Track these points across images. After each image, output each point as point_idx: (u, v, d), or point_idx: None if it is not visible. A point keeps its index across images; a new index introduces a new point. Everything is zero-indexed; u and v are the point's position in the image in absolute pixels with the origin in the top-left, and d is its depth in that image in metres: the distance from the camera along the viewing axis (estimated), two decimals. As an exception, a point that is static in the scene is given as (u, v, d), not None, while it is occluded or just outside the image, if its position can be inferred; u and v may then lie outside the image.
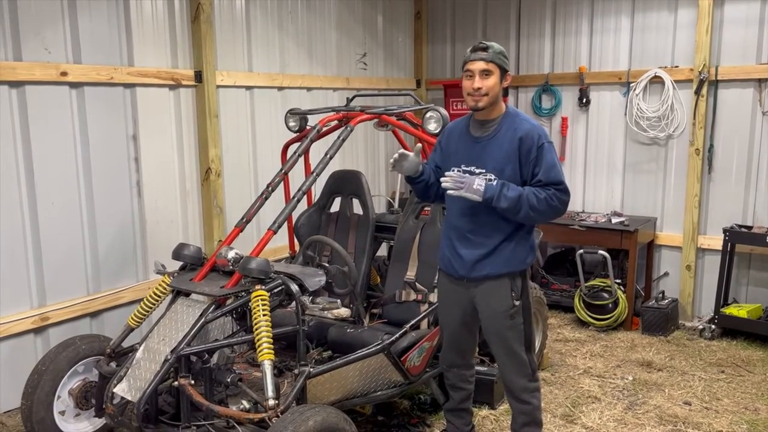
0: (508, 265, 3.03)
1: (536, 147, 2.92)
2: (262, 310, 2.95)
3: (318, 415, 2.63)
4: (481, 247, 3.02)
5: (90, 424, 3.39)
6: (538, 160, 2.92)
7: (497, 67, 2.93)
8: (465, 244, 3.06)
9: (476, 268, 3.04)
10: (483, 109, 2.97)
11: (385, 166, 6.64)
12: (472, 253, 3.04)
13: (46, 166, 3.82)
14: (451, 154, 3.12)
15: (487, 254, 3.02)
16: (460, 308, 3.18)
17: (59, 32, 3.83)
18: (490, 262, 3.02)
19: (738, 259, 5.33)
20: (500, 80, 2.96)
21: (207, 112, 4.61)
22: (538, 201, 2.88)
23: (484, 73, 2.92)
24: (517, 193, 2.87)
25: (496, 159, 2.96)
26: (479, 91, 2.93)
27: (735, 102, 5.25)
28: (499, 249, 3.01)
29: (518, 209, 2.87)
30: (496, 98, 2.97)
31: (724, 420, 3.88)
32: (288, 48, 5.38)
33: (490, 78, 2.92)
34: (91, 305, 4.08)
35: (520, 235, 3.05)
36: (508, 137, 2.96)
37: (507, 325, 3.06)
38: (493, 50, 2.93)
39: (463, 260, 3.06)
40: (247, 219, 3.45)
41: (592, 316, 5.40)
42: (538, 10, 6.19)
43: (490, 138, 3.00)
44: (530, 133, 2.94)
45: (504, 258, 3.02)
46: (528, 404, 3.17)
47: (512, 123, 2.99)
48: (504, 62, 2.97)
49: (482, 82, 2.92)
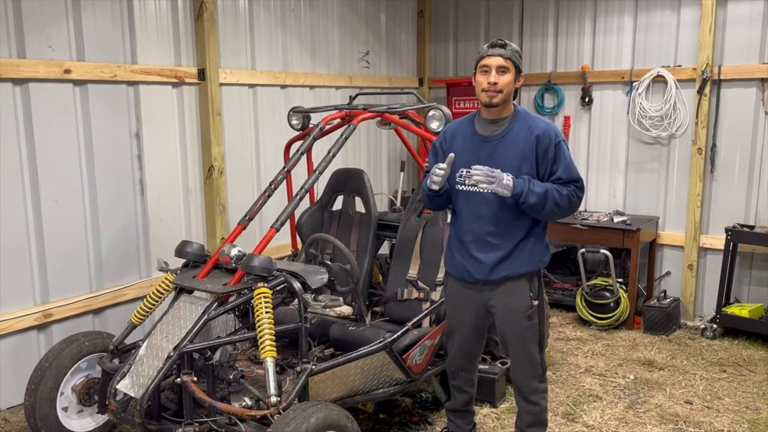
0: (528, 265, 3.00)
1: (554, 145, 2.92)
2: (265, 308, 2.95)
3: (320, 413, 2.64)
4: (500, 249, 2.98)
5: (93, 421, 3.40)
6: (556, 158, 2.92)
7: (513, 65, 2.92)
8: (482, 247, 3.00)
9: (495, 270, 2.99)
10: (497, 105, 2.93)
11: (388, 164, 6.65)
12: (491, 256, 2.98)
13: (49, 163, 3.83)
14: (458, 155, 3.03)
15: (507, 256, 2.98)
16: (473, 313, 3.14)
17: (63, 30, 3.84)
18: (510, 263, 2.98)
19: (740, 258, 5.32)
20: (515, 79, 2.94)
21: (210, 110, 4.62)
22: (561, 197, 2.88)
23: (501, 69, 2.89)
24: (543, 189, 2.86)
25: (512, 158, 2.93)
26: (495, 87, 2.88)
27: (738, 101, 5.24)
28: (518, 249, 2.98)
29: (543, 205, 2.86)
30: (509, 96, 2.95)
31: (725, 419, 3.88)
32: (291, 46, 5.39)
33: (506, 75, 2.90)
34: (94, 302, 4.10)
35: (537, 234, 3.03)
36: (522, 136, 2.93)
37: (525, 325, 3.03)
38: (511, 48, 2.92)
39: (482, 264, 3.00)
40: (250, 217, 3.46)
41: (593, 315, 5.40)
42: (541, 9, 6.19)
43: (502, 137, 2.97)
44: (547, 131, 2.93)
45: (523, 258, 2.99)
46: (536, 405, 3.16)
47: (525, 121, 2.97)
48: (519, 62, 2.96)
49: (498, 78, 2.88)
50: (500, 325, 3.11)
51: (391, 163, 6.70)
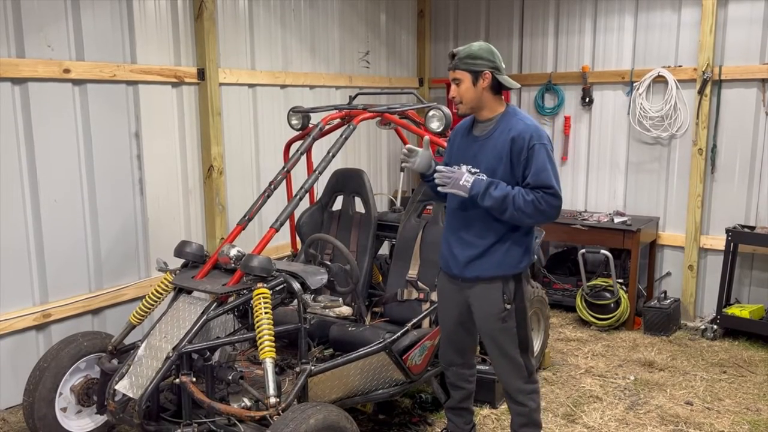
0: (500, 268, 2.97)
1: (527, 148, 2.85)
2: (264, 308, 2.95)
3: (319, 413, 2.63)
4: (473, 248, 2.99)
5: (92, 421, 3.39)
6: (528, 161, 2.85)
7: (465, 72, 2.91)
8: (458, 243, 3.04)
9: (468, 268, 3.01)
10: (465, 115, 3.03)
11: (388, 164, 6.64)
12: (464, 253, 3.01)
13: (48, 163, 3.82)
14: (454, 153, 3.12)
15: (479, 255, 2.98)
16: (457, 308, 3.16)
17: (62, 29, 3.83)
18: (482, 263, 2.98)
19: (740, 259, 5.32)
20: (473, 83, 2.91)
21: (210, 110, 4.61)
22: (525, 203, 2.81)
23: (455, 81, 2.96)
24: (503, 193, 2.81)
25: (489, 159, 2.94)
26: (455, 99, 2.98)
27: (738, 102, 5.23)
28: (491, 251, 2.96)
29: (504, 209, 2.82)
30: (476, 101, 2.95)
31: (725, 420, 3.88)
32: (291, 46, 5.38)
33: (461, 85, 2.94)
34: (93, 302, 4.09)
35: (515, 238, 2.98)
36: (502, 137, 2.92)
37: (498, 328, 3.01)
38: (459, 57, 2.92)
39: (457, 259, 3.04)
40: (250, 217, 3.45)
41: (593, 316, 5.40)
42: (542, 9, 6.18)
43: (486, 138, 2.99)
44: (522, 133, 2.87)
45: (496, 260, 2.97)
46: (524, 406, 3.13)
47: (508, 122, 2.95)
48: (472, 65, 2.89)
49: (456, 90, 2.97)
50: (477, 324, 3.13)
51: (391, 164, 6.70)
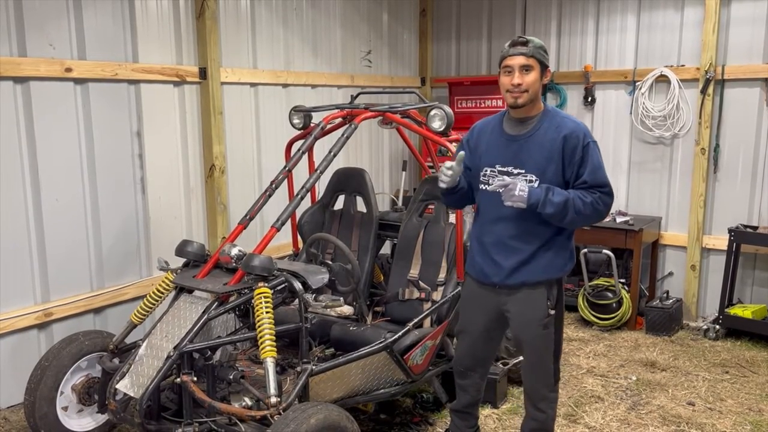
0: (546, 272, 2.90)
1: (582, 146, 2.79)
2: (265, 308, 2.94)
3: (320, 413, 2.63)
4: (519, 254, 2.88)
5: (93, 420, 3.40)
6: (583, 160, 2.79)
7: (537, 62, 2.80)
8: (501, 251, 2.92)
9: (513, 275, 2.90)
10: (523, 106, 2.84)
11: (389, 163, 6.64)
12: (510, 260, 2.89)
13: (50, 162, 3.82)
14: (482, 154, 2.97)
15: (526, 261, 2.88)
16: (486, 316, 3.07)
17: (64, 28, 3.83)
18: (528, 269, 2.89)
19: (743, 259, 5.30)
20: (540, 76, 2.83)
21: (211, 109, 4.61)
22: (584, 205, 2.75)
23: (524, 68, 2.79)
24: (563, 198, 2.73)
25: (537, 159, 2.83)
26: (519, 88, 2.79)
27: (741, 101, 5.22)
28: (538, 255, 2.88)
29: (564, 215, 2.74)
30: (536, 95, 2.85)
31: (727, 421, 3.87)
32: (293, 45, 5.38)
33: (531, 74, 2.79)
34: (94, 301, 4.09)
35: (560, 241, 2.91)
36: (549, 136, 2.83)
37: (540, 334, 2.93)
38: (533, 44, 2.80)
39: (499, 267, 2.92)
40: (251, 216, 3.45)
41: (595, 316, 5.39)
42: (544, 8, 6.17)
43: (528, 137, 2.87)
44: (575, 131, 2.81)
45: (542, 265, 2.89)
46: (543, 413, 3.08)
47: (553, 121, 2.86)
48: (544, 57, 2.84)
49: (522, 78, 2.78)
50: (515, 331, 3.06)
51: (393, 163, 6.69)
